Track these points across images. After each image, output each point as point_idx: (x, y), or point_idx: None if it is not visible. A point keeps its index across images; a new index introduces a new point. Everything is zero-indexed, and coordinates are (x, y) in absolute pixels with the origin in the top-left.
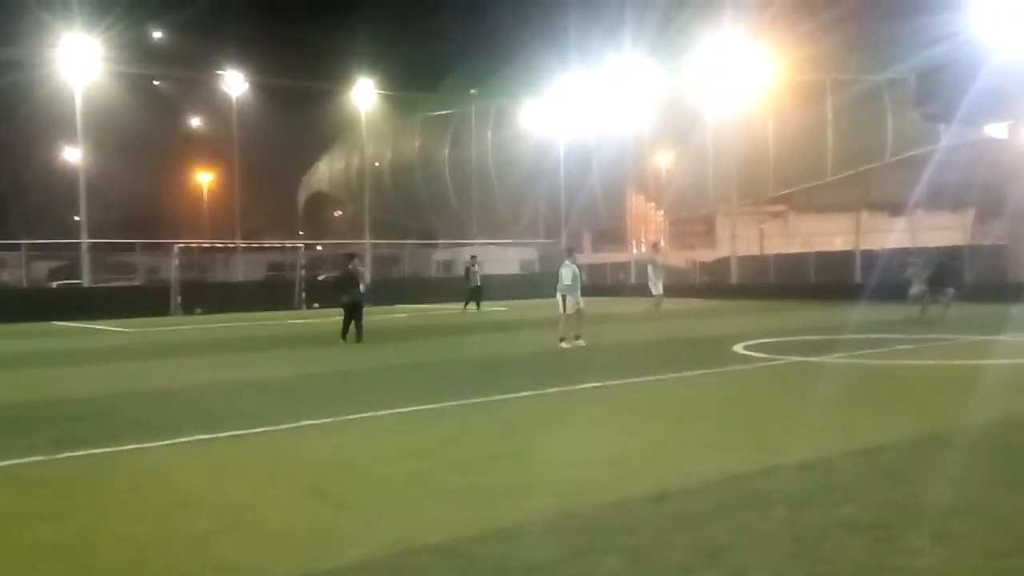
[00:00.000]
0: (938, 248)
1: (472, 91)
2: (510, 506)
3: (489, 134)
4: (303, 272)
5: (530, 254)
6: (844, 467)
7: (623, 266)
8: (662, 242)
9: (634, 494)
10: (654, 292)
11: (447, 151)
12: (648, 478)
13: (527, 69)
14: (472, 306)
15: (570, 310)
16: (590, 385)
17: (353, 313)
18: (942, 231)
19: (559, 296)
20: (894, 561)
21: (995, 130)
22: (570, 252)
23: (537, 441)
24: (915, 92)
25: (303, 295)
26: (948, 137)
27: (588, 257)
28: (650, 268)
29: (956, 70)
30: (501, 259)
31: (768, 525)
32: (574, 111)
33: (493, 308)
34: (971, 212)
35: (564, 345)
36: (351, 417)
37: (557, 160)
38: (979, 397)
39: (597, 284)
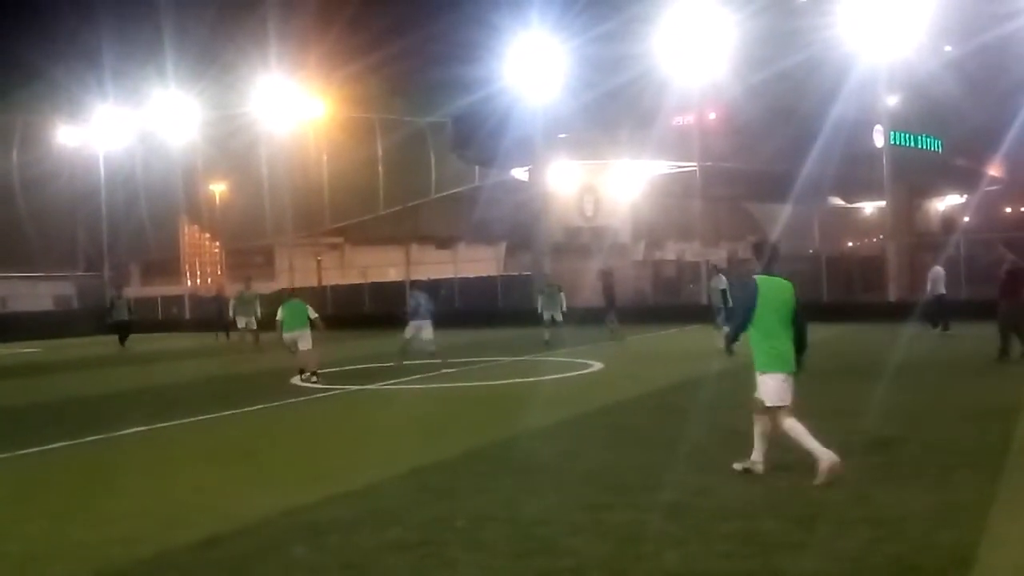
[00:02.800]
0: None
1: None
2: None
3: (14, 153)
4: None
5: (67, 289)
6: (392, 490)
7: (176, 300)
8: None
9: (179, 543)
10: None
11: None
12: (195, 525)
13: (59, 87)
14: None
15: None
16: (133, 430)
17: None
18: (481, 262)
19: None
20: (436, 574)
21: (519, 173)
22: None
23: (68, 498)
24: (452, 136)
25: None
26: (482, 178)
27: (137, 291)
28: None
29: (486, 118)
30: (30, 294)
31: (320, 556)
32: (117, 136)
33: (24, 350)
34: (503, 246)
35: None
36: None
37: (98, 185)
38: (504, 413)
39: (148, 319)
